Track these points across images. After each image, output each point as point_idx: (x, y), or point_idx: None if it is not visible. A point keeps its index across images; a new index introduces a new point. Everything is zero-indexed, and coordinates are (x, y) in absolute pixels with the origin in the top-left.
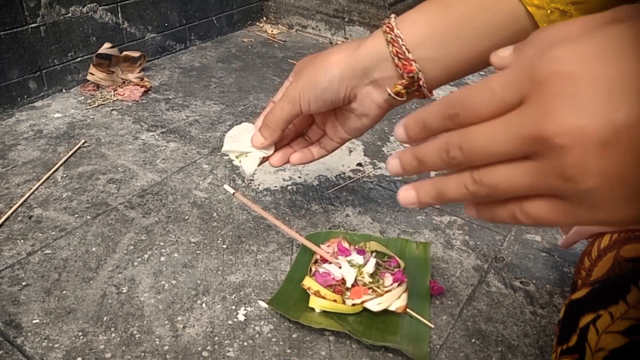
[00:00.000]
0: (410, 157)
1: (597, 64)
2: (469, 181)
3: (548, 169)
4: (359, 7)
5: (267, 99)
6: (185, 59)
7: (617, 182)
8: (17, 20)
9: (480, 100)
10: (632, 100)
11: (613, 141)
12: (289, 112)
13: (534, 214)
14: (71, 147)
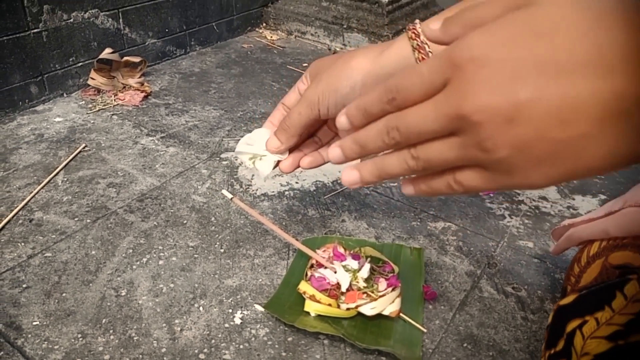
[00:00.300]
0: (351, 143)
1: (505, 48)
2: (408, 157)
3: (469, 142)
4: (358, 15)
5: (265, 104)
6: (185, 64)
7: (525, 151)
8: (19, 25)
9: (412, 84)
10: (533, 80)
11: (518, 116)
12: (307, 117)
13: (464, 182)
14: (72, 151)
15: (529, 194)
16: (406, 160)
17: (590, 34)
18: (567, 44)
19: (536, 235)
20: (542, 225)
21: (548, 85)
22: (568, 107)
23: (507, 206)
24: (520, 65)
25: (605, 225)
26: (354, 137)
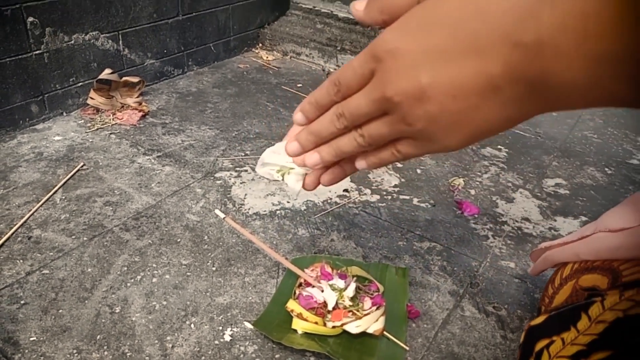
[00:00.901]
0: (306, 135)
1: (410, 40)
2: (356, 135)
3: (396, 119)
4: (351, 37)
5: (260, 124)
6: (182, 84)
7: (435, 122)
8: (22, 47)
9: (349, 77)
10: (430, 67)
11: (423, 96)
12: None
13: (402, 150)
14: (70, 169)
15: (512, 215)
16: (355, 138)
17: (469, 23)
18: (452, 33)
19: (518, 255)
20: (524, 246)
21: (440, 70)
22: (456, 86)
23: (491, 227)
24: (421, 54)
25: (577, 249)
26: (309, 129)
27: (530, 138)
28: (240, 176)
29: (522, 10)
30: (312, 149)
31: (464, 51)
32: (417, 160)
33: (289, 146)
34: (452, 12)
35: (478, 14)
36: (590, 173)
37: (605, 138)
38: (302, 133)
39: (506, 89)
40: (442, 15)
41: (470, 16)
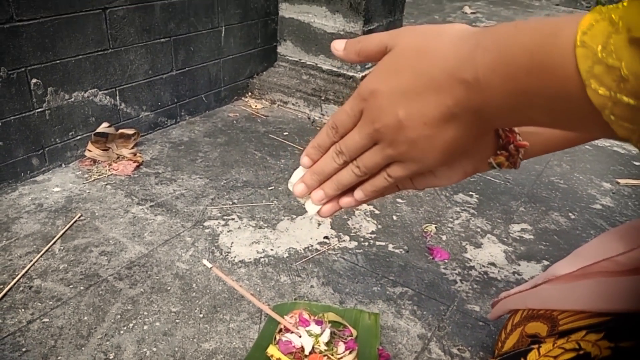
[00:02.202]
0: (310, 175)
1: (386, 83)
2: (353, 167)
3: (384, 146)
4: (334, 88)
5: (247, 172)
6: (175, 134)
7: (416, 146)
8: (25, 106)
9: (344, 119)
10: (403, 103)
11: (402, 126)
12: None
13: (392, 174)
14: (68, 220)
15: (479, 260)
16: (352, 170)
17: (425, 68)
18: (414, 76)
19: (483, 299)
20: (489, 290)
21: (411, 104)
22: (424, 116)
23: (460, 272)
24: (395, 93)
25: (526, 299)
26: (313, 170)
27: (500, 184)
28: (227, 224)
29: (463, 55)
30: (317, 187)
31: (425, 89)
32: (394, 207)
33: (296, 188)
34: (413, 59)
35: (430, 60)
36: (554, 218)
37: (571, 183)
38: (307, 175)
39: (460, 116)
40: (406, 62)
41: (425, 62)
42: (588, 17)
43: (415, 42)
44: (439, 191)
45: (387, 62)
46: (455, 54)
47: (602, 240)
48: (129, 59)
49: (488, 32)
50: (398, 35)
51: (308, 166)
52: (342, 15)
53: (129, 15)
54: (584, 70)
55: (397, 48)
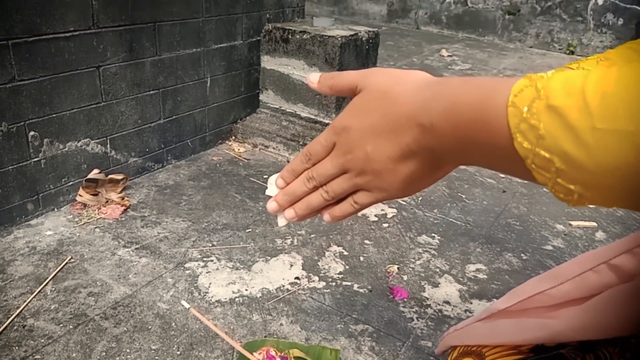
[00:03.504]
0: (282, 196)
1: (357, 121)
2: (322, 192)
3: (353, 175)
4: (312, 134)
5: (227, 215)
6: (161, 177)
7: (379, 176)
8: (23, 156)
9: (318, 149)
10: (371, 140)
11: (369, 159)
12: None
13: (358, 201)
14: (60, 262)
15: (435, 299)
16: (321, 194)
17: (390, 110)
18: (381, 117)
19: (436, 336)
20: (442, 326)
21: (377, 141)
22: (388, 151)
23: (417, 310)
24: (364, 131)
25: (462, 335)
26: (285, 191)
27: (460, 226)
28: (206, 266)
29: (421, 102)
30: (288, 207)
31: (390, 129)
32: (361, 248)
33: (269, 205)
34: (380, 102)
35: (395, 104)
36: (507, 259)
37: (527, 225)
38: (280, 195)
39: (418, 153)
40: (374, 104)
41: (390, 105)
42: (520, 82)
43: (382, 86)
44: (404, 232)
45: (358, 102)
46: (415, 100)
47: (541, 277)
48: (119, 110)
49: (443, 83)
50: (367, 76)
51: (282, 187)
52: (318, 68)
53: (121, 72)
54: (513, 126)
55: (366, 90)
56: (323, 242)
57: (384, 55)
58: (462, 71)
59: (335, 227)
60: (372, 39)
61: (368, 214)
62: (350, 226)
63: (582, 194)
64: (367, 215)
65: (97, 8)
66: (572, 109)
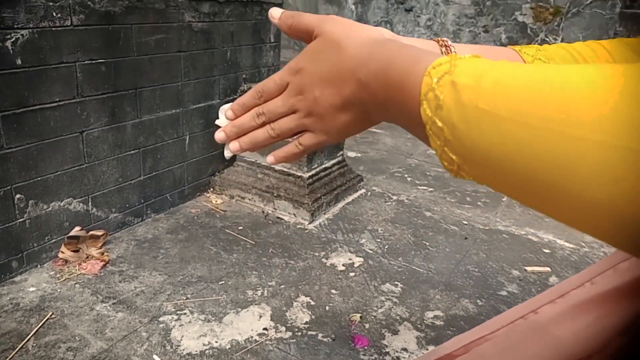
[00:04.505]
0: (231, 128)
1: (311, 65)
2: (269, 129)
3: (302, 116)
4: (285, 186)
5: (202, 268)
6: (140, 231)
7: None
8: (9, 218)
9: (271, 86)
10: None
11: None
12: None
13: (302, 142)
14: (41, 318)
15: (394, 346)
16: (267, 131)
17: (337, 62)
18: (329, 67)
19: None
20: None
21: (324, 88)
22: (332, 99)
23: (376, 357)
24: (314, 76)
25: None
26: (233, 123)
27: (422, 273)
28: (180, 319)
29: (362, 59)
30: (235, 139)
31: (335, 79)
32: (328, 298)
33: (217, 135)
34: (331, 52)
35: (342, 56)
36: (464, 305)
37: (484, 271)
38: (228, 126)
39: (355, 105)
40: (326, 53)
41: (338, 57)
42: (443, 58)
43: (336, 36)
44: (369, 281)
45: (314, 47)
46: (358, 56)
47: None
48: (101, 170)
49: (385, 45)
50: (324, 23)
51: (231, 119)
52: None
53: (103, 135)
54: (422, 93)
55: (322, 37)
56: (292, 293)
57: None
58: None
59: (304, 277)
60: None
61: (336, 264)
62: (319, 276)
63: (461, 166)
64: (335, 264)
65: (82, 79)
66: (467, 88)
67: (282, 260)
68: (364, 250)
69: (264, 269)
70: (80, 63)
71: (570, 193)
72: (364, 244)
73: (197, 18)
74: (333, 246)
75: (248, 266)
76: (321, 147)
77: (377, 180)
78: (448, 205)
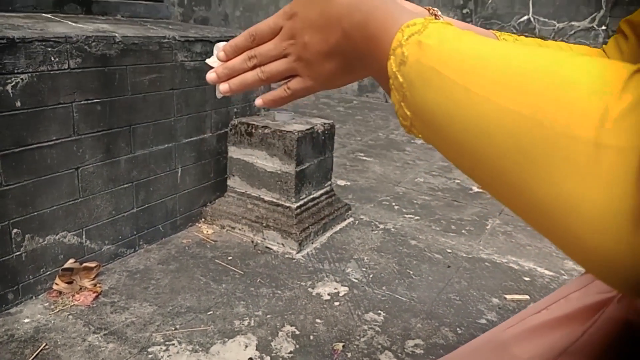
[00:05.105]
0: (222, 69)
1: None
2: (259, 72)
3: (292, 60)
4: (274, 216)
5: (192, 298)
6: (132, 262)
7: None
8: (6, 251)
9: (265, 30)
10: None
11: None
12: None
13: (291, 86)
14: (35, 349)
15: None
16: (257, 74)
17: (325, 10)
18: (319, 14)
19: None
20: None
21: (313, 34)
22: (320, 45)
23: None
24: (307, 21)
25: None
26: (225, 65)
27: (405, 302)
28: (168, 349)
29: (348, 9)
30: (225, 81)
31: (323, 26)
32: (312, 327)
33: (208, 75)
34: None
35: (330, 5)
36: (444, 333)
37: (465, 299)
38: (219, 68)
39: (339, 54)
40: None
41: (327, 5)
42: (420, 18)
43: None
44: (353, 310)
45: None
46: (345, 4)
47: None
48: (95, 204)
49: None
50: None
51: (223, 60)
52: (278, 158)
53: (98, 170)
54: (392, 48)
55: None
56: (278, 322)
57: (351, 130)
58: (422, 144)
59: (290, 307)
60: (328, 130)
61: (322, 293)
62: (305, 306)
63: (413, 122)
64: (321, 294)
65: (78, 118)
66: (429, 48)
67: (270, 290)
68: (349, 279)
69: (251, 299)
70: (77, 103)
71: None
72: (349, 273)
73: (189, 57)
74: (319, 275)
75: (236, 296)
76: (308, 93)
77: (365, 208)
78: (433, 234)
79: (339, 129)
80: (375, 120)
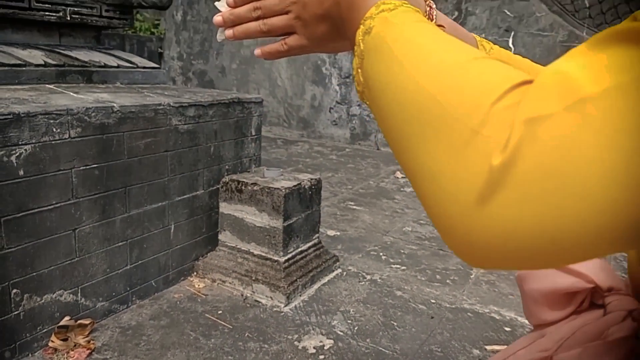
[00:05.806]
0: (229, 15)
1: None
2: (261, 24)
3: (292, 17)
4: (263, 269)
5: (181, 354)
6: (125, 318)
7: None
8: (4, 311)
9: None
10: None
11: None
12: None
13: (288, 42)
14: None
15: None
16: (260, 26)
17: None
18: None
19: None
20: None
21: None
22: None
23: None
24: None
25: None
26: (232, 12)
27: (388, 354)
28: None
29: None
30: (230, 26)
31: None
32: None
33: (215, 18)
34: None
35: None
36: None
37: (447, 351)
38: (226, 13)
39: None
40: None
41: None
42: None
43: None
44: None
45: None
46: None
47: None
48: (91, 262)
49: None
50: None
51: (232, 7)
52: (267, 213)
53: (94, 231)
54: (364, 18)
55: None
56: None
57: (343, 178)
58: (411, 192)
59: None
60: (315, 186)
61: (308, 347)
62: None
63: (364, 90)
64: (307, 347)
65: (77, 183)
66: (391, 25)
67: (257, 344)
68: (335, 332)
69: (239, 354)
70: (76, 169)
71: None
72: (335, 325)
73: (183, 121)
74: (306, 328)
75: (224, 351)
76: (303, 51)
77: (353, 259)
78: (418, 284)
79: (331, 177)
80: (367, 168)
